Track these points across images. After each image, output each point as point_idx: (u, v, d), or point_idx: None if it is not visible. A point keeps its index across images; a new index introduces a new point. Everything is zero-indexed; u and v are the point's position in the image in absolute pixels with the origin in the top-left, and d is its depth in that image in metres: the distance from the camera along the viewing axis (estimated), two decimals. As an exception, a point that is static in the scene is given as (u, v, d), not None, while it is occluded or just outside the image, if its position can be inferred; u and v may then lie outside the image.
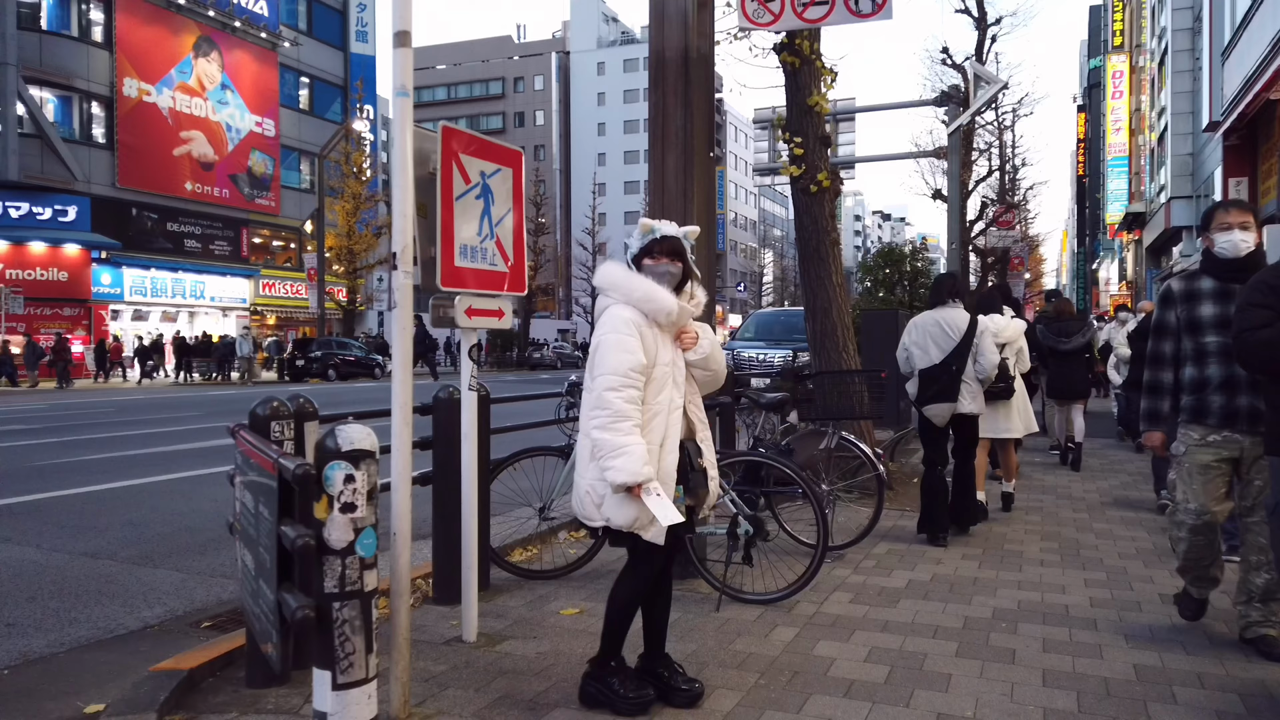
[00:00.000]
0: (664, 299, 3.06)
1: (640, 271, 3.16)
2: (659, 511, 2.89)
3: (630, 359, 2.98)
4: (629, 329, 3.02)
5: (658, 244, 3.16)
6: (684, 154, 4.82)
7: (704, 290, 3.32)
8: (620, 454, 2.89)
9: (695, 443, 3.23)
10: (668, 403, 3.07)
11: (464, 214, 3.63)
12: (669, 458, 3.05)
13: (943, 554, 5.72)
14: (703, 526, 4.67)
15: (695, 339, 3.19)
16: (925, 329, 6.07)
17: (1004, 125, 27.31)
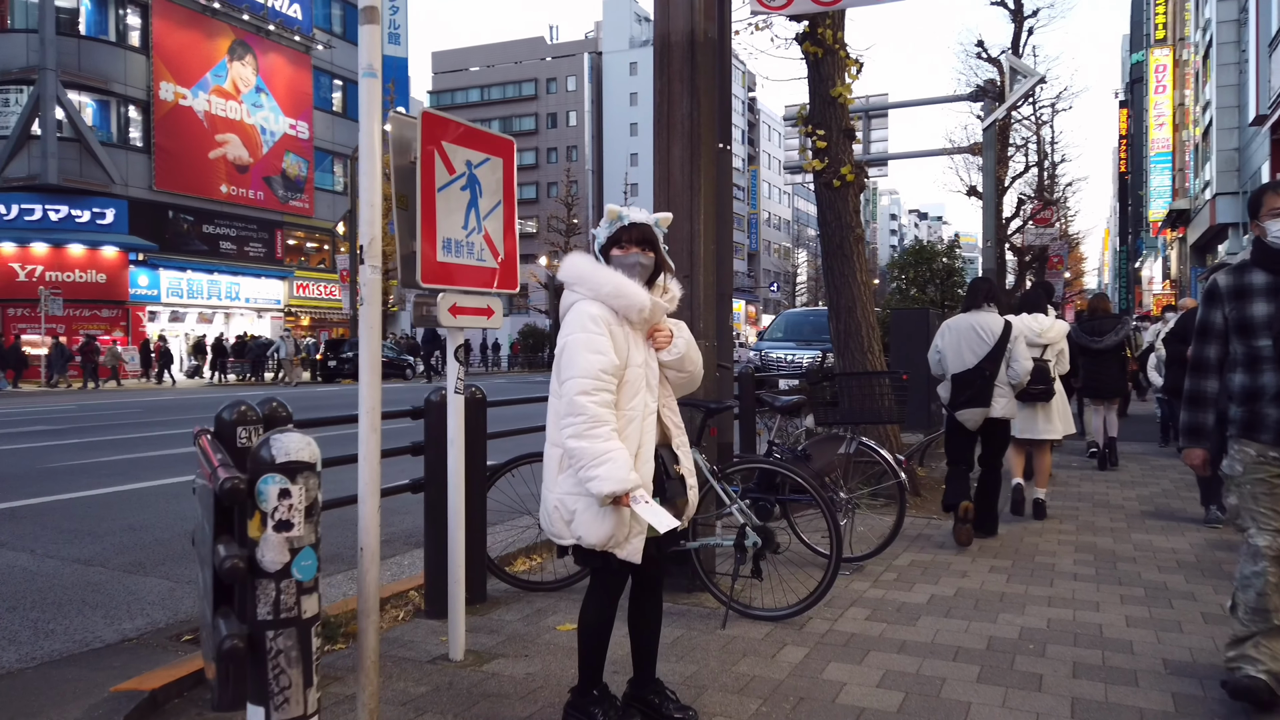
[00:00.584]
0: (635, 293, 2.82)
1: (609, 263, 2.92)
2: (652, 518, 2.65)
3: (601, 360, 2.74)
4: (598, 327, 2.78)
5: (626, 232, 2.92)
6: (690, 144, 4.58)
7: (679, 284, 3.07)
8: (603, 461, 2.64)
9: (671, 449, 2.99)
10: (642, 407, 2.83)
11: (448, 206, 3.41)
12: (644, 468, 2.81)
13: (969, 565, 5.41)
14: (708, 538, 4.42)
15: (670, 337, 2.94)
16: (959, 332, 6.04)
17: (1041, 120, 26.70)
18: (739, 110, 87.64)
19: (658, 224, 2.97)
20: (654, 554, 2.88)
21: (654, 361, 2.92)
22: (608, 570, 2.85)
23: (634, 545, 2.75)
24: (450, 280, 3.43)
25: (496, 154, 3.71)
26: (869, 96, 22.20)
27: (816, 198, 8.21)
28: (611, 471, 2.63)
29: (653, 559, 2.94)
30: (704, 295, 4.60)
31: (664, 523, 2.65)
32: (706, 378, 4.59)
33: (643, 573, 2.95)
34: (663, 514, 2.67)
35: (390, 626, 4.07)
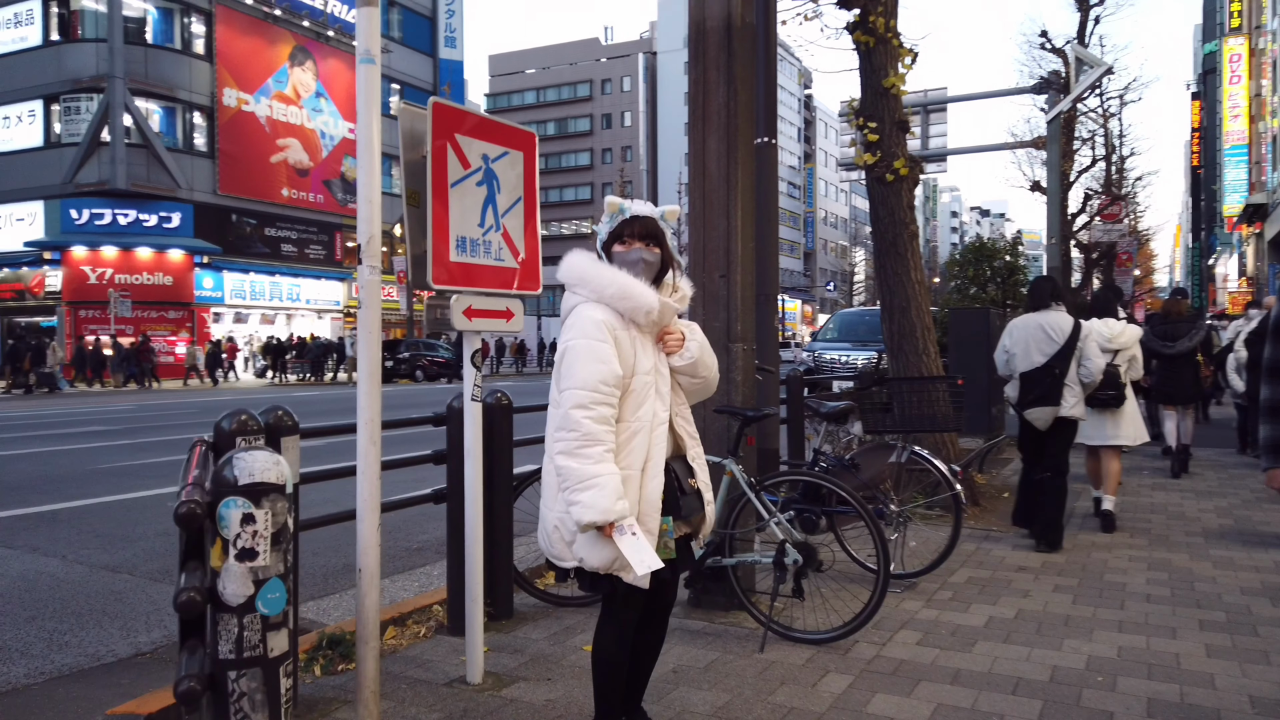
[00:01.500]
0: (642, 294, 2.58)
1: (611, 261, 2.69)
2: (633, 555, 2.40)
3: (602, 370, 2.50)
4: (601, 333, 2.54)
5: (628, 226, 2.68)
6: (726, 135, 4.32)
7: (689, 282, 2.82)
8: (588, 486, 2.41)
9: (685, 461, 2.74)
10: (650, 418, 2.58)
11: (462, 203, 3.21)
12: (652, 483, 2.56)
13: (1030, 583, 5.06)
14: (746, 554, 4.16)
15: (681, 341, 2.69)
16: (1026, 331, 5.97)
17: (1109, 112, 25.74)
18: (794, 107, 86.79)
19: (664, 217, 2.73)
20: (667, 578, 2.64)
21: (664, 367, 2.68)
22: (616, 596, 2.61)
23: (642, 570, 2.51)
24: (465, 281, 3.23)
25: (516, 147, 3.50)
26: (927, 90, 21.61)
27: (869, 193, 7.87)
28: (595, 499, 2.40)
29: (666, 584, 2.71)
30: (741, 296, 4.34)
31: (645, 562, 2.41)
32: (744, 383, 4.33)
33: (652, 599, 2.72)
34: (647, 552, 2.43)
35: (410, 644, 3.89)
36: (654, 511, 2.55)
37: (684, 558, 2.74)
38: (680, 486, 2.65)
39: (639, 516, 2.51)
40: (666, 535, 2.58)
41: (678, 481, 2.65)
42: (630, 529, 2.44)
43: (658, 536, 2.54)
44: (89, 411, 18.34)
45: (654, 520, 2.54)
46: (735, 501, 4.09)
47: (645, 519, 2.53)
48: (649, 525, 2.53)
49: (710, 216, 4.35)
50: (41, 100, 33.73)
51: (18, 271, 34.21)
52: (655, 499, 2.56)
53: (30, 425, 15.37)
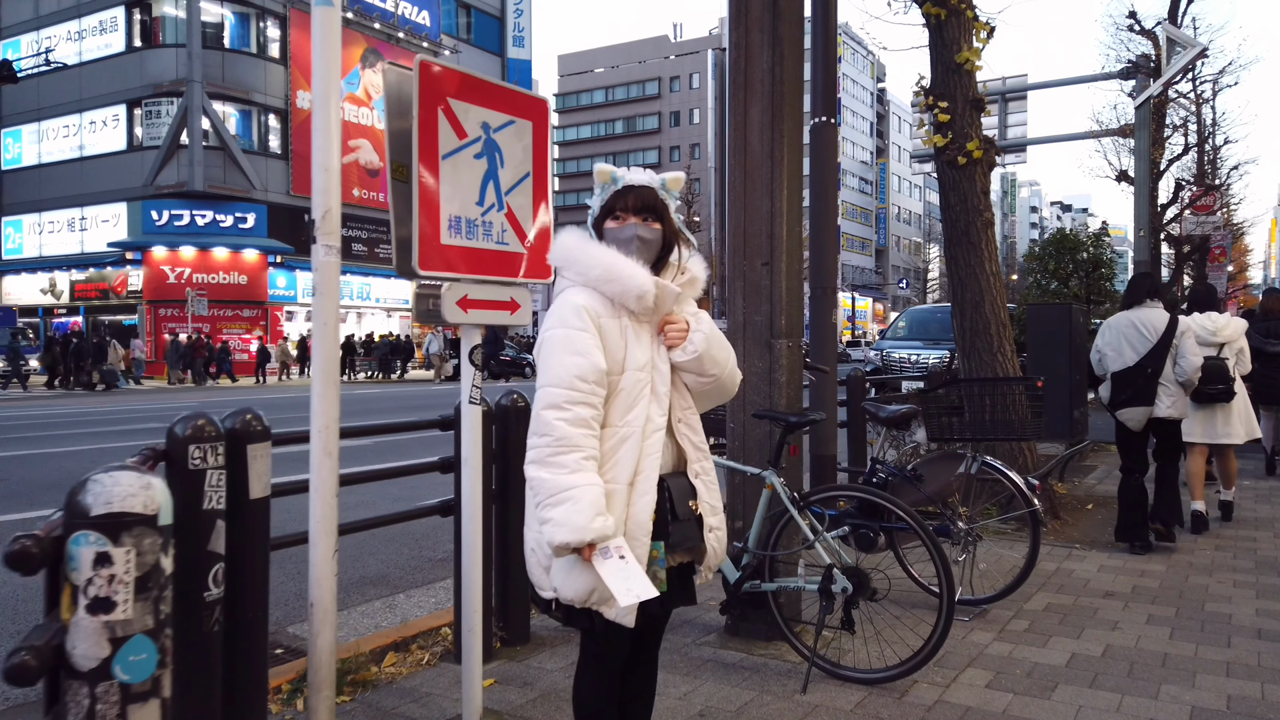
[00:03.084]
0: (631, 275, 2.16)
1: (603, 239, 2.27)
2: (617, 583, 1.99)
3: (580, 363, 2.10)
4: (581, 320, 2.14)
5: (620, 198, 2.26)
6: (771, 105, 3.84)
7: (702, 262, 2.37)
8: (561, 500, 2.01)
9: (687, 478, 2.29)
10: (642, 423, 2.16)
11: (456, 177, 2.81)
12: (642, 500, 2.14)
13: (1120, 612, 4.46)
14: (788, 578, 3.68)
15: (685, 332, 2.25)
16: (1120, 330, 5.85)
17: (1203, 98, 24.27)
18: (866, 101, 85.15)
19: (665, 186, 2.29)
20: (656, 614, 2.20)
21: (664, 363, 2.25)
22: (595, 634, 2.19)
23: (626, 606, 2.08)
24: (458, 267, 2.83)
25: (524, 116, 3.09)
26: (1005, 78, 20.70)
27: (939, 178, 7.28)
28: (569, 515, 1.99)
29: (653, 622, 2.28)
30: (787, 286, 3.85)
31: (635, 590, 1.99)
32: (789, 384, 3.85)
33: (638, 638, 2.29)
34: (637, 579, 2.01)
35: (410, 672, 3.51)
36: (643, 534, 2.12)
37: (681, 591, 2.30)
38: (672, 509, 2.21)
39: (625, 539, 2.10)
40: (657, 564, 2.15)
41: (670, 502, 2.21)
42: (617, 552, 2.02)
43: (647, 564, 2.11)
44: (147, 409, 18.61)
45: (642, 545, 2.12)
46: (776, 519, 3.62)
47: (632, 543, 2.11)
48: (637, 551, 2.10)
49: (751, 197, 3.88)
50: (124, 105, 34.76)
51: (102, 271, 35.38)
52: (644, 519, 2.13)
53: (86, 422, 15.62)
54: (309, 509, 2.24)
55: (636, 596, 1.99)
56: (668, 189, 2.29)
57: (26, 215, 38.00)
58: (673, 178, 2.30)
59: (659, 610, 2.19)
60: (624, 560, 2.02)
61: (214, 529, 2.46)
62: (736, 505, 4.01)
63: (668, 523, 2.19)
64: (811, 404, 6.21)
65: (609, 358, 2.16)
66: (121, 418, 16.30)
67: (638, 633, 2.26)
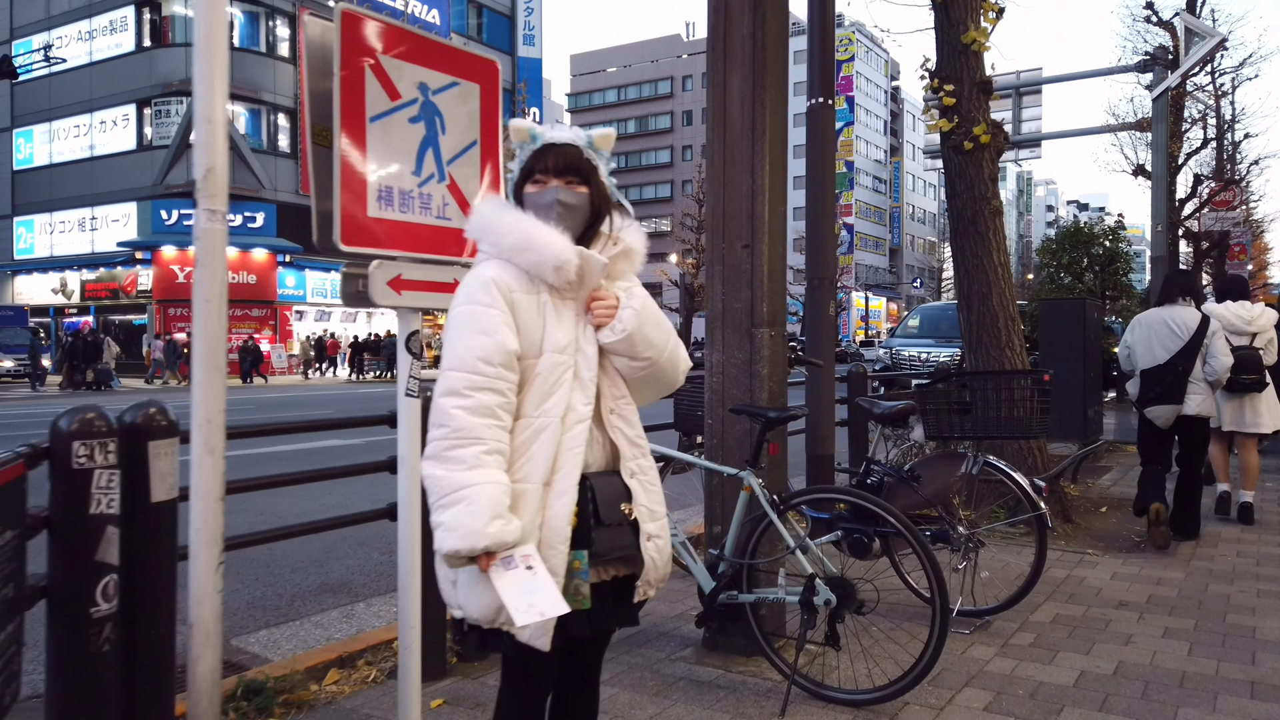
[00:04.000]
0: (547, 243, 1.89)
1: (522, 206, 1.99)
2: (514, 598, 1.71)
3: (484, 344, 1.83)
4: (489, 295, 1.87)
5: (539, 159, 1.98)
6: (752, 74, 3.53)
7: (640, 232, 2.08)
8: (455, 500, 1.74)
9: (618, 478, 1.99)
10: (561, 412, 1.88)
11: (387, 143, 2.53)
12: (559, 503, 1.85)
13: (1134, 624, 4.14)
14: (767, 589, 3.37)
15: (613, 309, 1.96)
16: (1150, 327, 5.88)
17: (1222, 90, 23.75)
18: (880, 100, 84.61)
19: (593, 145, 2.01)
20: (582, 634, 1.91)
21: (591, 345, 1.96)
22: (522, 661, 1.90)
23: (538, 626, 1.79)
24: (389, 243, 2.54)
25: (469, 78, 2.80)
26: (1019, 72, 20.33)
27: (945, 165, 6.94)
28: (460, 518, 1.72)
29: (584, 645, 1.99)
30: (769, 271, 3.54)
31: (534, 608, 1.70)
32: (771, 377, 3.55)
33: (572, 662, 2.01)
34: (542, 595, 1.72)
35: (354, 690, 3.23)
36: (559, 542, 1.83)
37: (618, 610, 2.01)
38: (596, 512, 1.91)
39: (538, 548, 1.81)
40: (579, 577, 1.86)
41: (594, 504, 1.91)
42: (523, 561, 1.74)
43: (564, 577, 1.82)
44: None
45: (559, 554, 1.83)
46: (755, 524, 3.31)
47: (547, 551, 1.82)
48: (552, 562, 1.81)
49: (731, 174, 3.58)
50: (134, 104, 34.78)
51: (112, 271, 35.42)
52: (562, 524, 1.84)
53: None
54: (190, 517, 1.95)
55: (540, 614, 1.71)
56: (595, 147, 2.00)
57: (38, 215, 38.10)
58: (601, 134, 2.02)
59: (586, 631, 1.90)
60: (531, 572, 1.74)
61: (103, 536, 2.17)
62: (715, 508, 3.71)
63: (590, 528, 1.89)
64: (808, 400, 5.91)
65: (523, 338, 1.88)
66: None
67: (571, 657, 1.97)
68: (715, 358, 3.62)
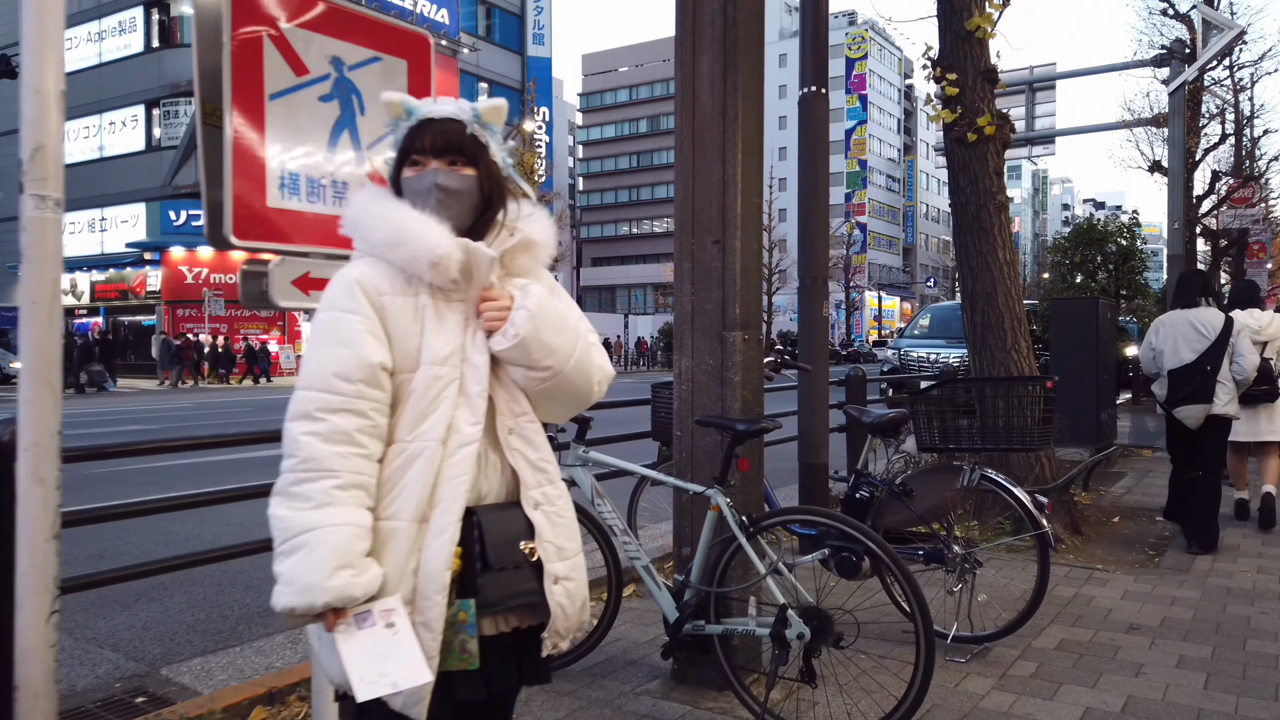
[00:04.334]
0: (421, 236, 1.60)
1: (401, 194, 1.70)
2: (360, 666, 1.44)
3: (342, 357, 1.55)
4: (351, 300, 1.59)
5: (416, 137, 1.69)
6: (723, 52, 3.22)
7: (545, 221, 1.78)
8: (295, 547, 1.46)
9: (520, 510, 1.68)
10: (440, 435, 1.59)
11: (292, 123, 2.25)
12: (437, 542, 1.55)
13: (1146, 651, 3.81)
14: (735, 620, 3.06)
15: (505, 311, 1.65)
16: (1175, 328, 5.89)
17: (1240, 85, 23.23)
18: (893, 98, 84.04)
19: (481, 119, 1.71)
20: (473, 698, 1.60)
21: (481, 354, 1.66)
22: None
23: (410, 691, 1.49)
24: (294, 237, 2.26)
25: (395, 53, 2.52)
26: (1033, 67, 19.96)
27: (948, 158, 6.61)
28: (297, 570, 1.45)
29: (482, 709, 1.69)
30: (742, 268, 3.23)
31: (383, 678, 1.42)
32: (744, 385, 3.24)
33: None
34: (400, 660, 1.45)
35: (277, 730, 2.95)
36: (436, 591, 1.54)
37: (523, 667, 1.71)
38: (483, 553, 1.60)
39: (410, 598, 1.53)
40: (464, 631, 1.56)
41: (481, 544, 1.60)
42: (383, 619, 1.47)
43: (441, 633, 1.53)
44: (133, 410, 18.28)
45: (436, 605, 1.53)
46: (723, 547, 3.01)
47: (422, 602, 1.53)
48: (429, 614, 1.53)
49: (701, 163, 3.27)
50: (143, 105, 34.73)
51: (121, 272, 35.39)
52: (438, 570, 1.54)
53: (74, 424, 15.30)
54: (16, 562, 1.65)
55: (392, 685, 1.43)
56: (484, 122, 1.71)
57: (48, 216, 38.16)
58: (489, 106, 1.72)
59: (479, 694, 1.60)
60: (391, 630, 1.46)
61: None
62: (684, 528, 3.40)
63: (476, 573, 1.59)
64: (800, 406, 5.60)
65: (396, 348, 1.60)
66: (104, 420, 15.97)
67: None
68: (684, 363, 3.32)
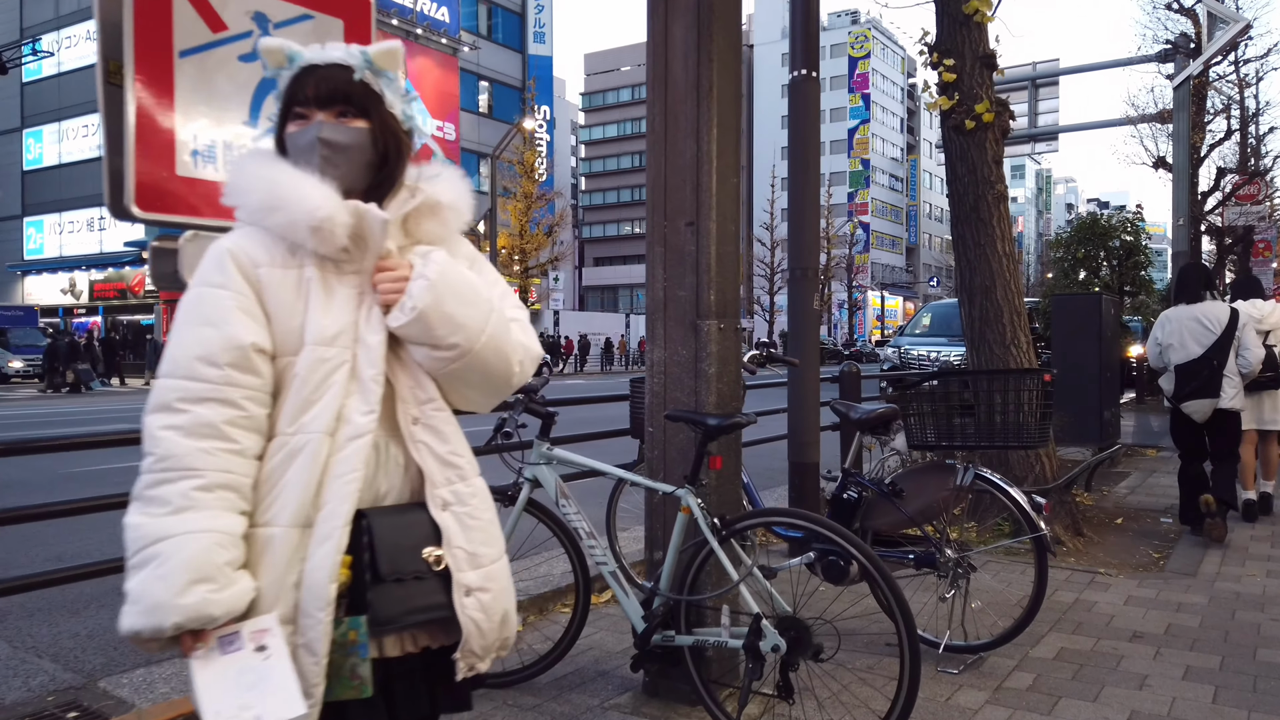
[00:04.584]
0: (300, 197, 1.39)
1: (286, 153, 1.49)
2: (217, 699, 1.24)
3: (208, 338, 1.35)
4: (222, 273, 1.40)
5: (299, 87, 1.48)
6: (697, 19, 3.00)
7: (455, 181, 1.58)
8: (146, 559, 1.26)
9: (425, 513, 1.45)
10: (325, 426, 1.38)
11: (206, 85, 2.03)
12: (320, 550, 1.34)
13: (1150, 661, 3.59)
14: (707, 630, 2.84)
15: (401, 283, 1.43)
16: (1181, 323, 5.93)
17: (1245, 80, 22.97)
18: (896, 96, 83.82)
19: (373, 64, 1.49)
20: None
21: (376, 334, 1.44)
22: None
23: None
24: (207, 210, 2.04)
25: (328, 11, 2.30)
26: (1036, 63, 19.75)
27: (945, 147, 6.40)
28: (145, 586, 1.25)
29: None
30: (717, 253, 3.01)
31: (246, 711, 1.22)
32: (720, 377, 3.02)
33: None
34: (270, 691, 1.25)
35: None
36: (319, 607, 1.33)
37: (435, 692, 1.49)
38: (374, 562, 1.38)
39: (290, 616, 1.33)
40: (355, 654, 1.35)
41: (372, 551, 1.38)
42: (252, 640, 1.27)
43: (326, 656, 1.32)
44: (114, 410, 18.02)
45: (318, 624, 1.32)
46: (694, 551, 2.79)
47: (304, 620, 1.33)
48: (308, 635, 1.32)
49: (674, 139, 3.05)
50: (141, 103, 34.61)
51: (120, 271, 35.32)
52: (322, 582, 1.33)
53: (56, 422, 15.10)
54: None
55: (277, 713, 1.21)
56: (378, 67, 1.49)
57: (48, 215, 38.08)
58: (384, 50, 1.50)
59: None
60: (262, 654, 1.25)
61: None
62: (655, 530, 3.19)
63: (366, 586, 1.37)
64: (790, 402, 5.38)
65: (276, 327, 1.40)
66: (29, 421, 15.75)
67: None
68: (656, 354, 3.10)
